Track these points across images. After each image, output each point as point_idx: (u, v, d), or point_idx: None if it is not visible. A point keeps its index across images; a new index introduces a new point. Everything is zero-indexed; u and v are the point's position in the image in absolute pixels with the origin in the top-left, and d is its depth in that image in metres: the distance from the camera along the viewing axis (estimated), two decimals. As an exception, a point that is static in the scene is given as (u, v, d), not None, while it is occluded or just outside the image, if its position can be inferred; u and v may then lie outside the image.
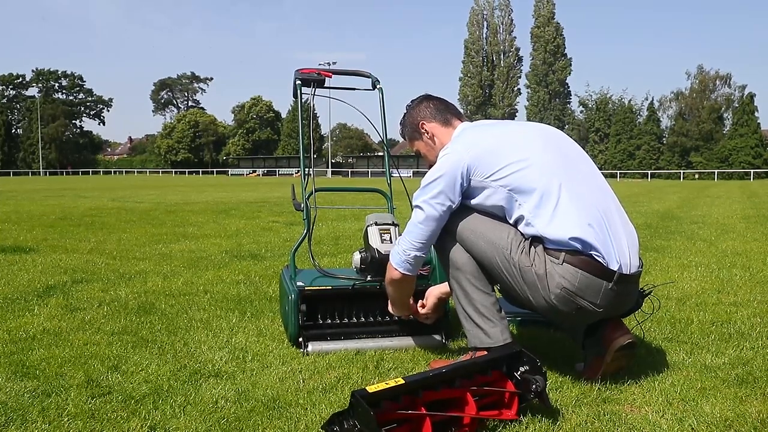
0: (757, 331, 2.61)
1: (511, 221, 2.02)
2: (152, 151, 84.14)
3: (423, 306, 2.40)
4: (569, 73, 63.78)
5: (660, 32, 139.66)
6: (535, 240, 1.97)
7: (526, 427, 1.66)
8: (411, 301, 2.41)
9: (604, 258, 1.92)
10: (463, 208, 2.08)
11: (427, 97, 2.35)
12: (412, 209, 2.10)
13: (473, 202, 2.07)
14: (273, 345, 2.40)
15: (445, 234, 2.09)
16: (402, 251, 2.12)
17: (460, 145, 2.08)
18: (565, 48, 64.03)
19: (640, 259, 2.05)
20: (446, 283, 2.33)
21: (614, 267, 1.93)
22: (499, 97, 65.55)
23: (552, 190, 1.96)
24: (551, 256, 1.94)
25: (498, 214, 2.05)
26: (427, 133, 2.29)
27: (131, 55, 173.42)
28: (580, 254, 1.92)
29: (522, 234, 2.00)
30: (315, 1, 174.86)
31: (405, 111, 2.38)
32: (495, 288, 2.10)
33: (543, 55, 63.10)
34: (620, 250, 1.96)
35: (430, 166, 2.20)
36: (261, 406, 1.79)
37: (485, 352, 1.97)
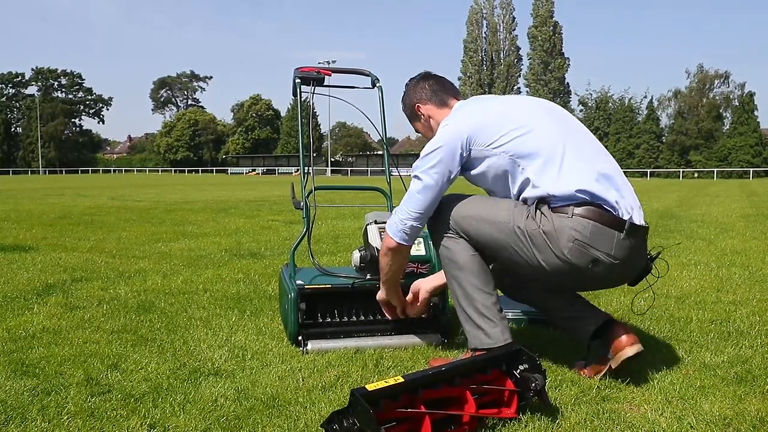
0: (756, 330, 2.61)
1: (515, 187, 2.01)
2: (152, 150, 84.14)
3: (414, 300, 2.38)
4: (566, 71, 63.81)
5: (658, 31, 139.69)
6: (541, 202, 1.96)
7: (526, 426, 1.66)
8: (401, 293, 2.38)
9: (613, 208, 1.93)
10: (456, 199, 2.07)
11: (425, 77, 2.33)
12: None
13: (474, 171, 2.06)
14: (272, 343, 2.40)
15: (445, 232, 2.09)
16: (399, 221, 2.09)
17: (459, 116, 2.09)
18: (562, 47, 64.04)
19: (645, 221, 2.05)
20: (434, 277, 2.34)
21: (625, 217, 1.93)
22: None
23: (556, 152, 1.97)
24: (559, 212, 1.92)
25: (500, 183, 2.04)
26: (424, 116, 2.30)
27: (131, 53, 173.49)
28: (589, 205, 1.91)
29: (524, 202, 1.99)
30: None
31: (404, 92, 2.38)
32: (497, 289, 2.10)
33: (541, 54, 63.11)
34: (627, 203, 1.97)
35: None
36: (260, 404, 1.79)
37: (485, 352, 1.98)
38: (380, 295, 2.37)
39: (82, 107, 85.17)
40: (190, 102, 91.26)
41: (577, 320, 2.14)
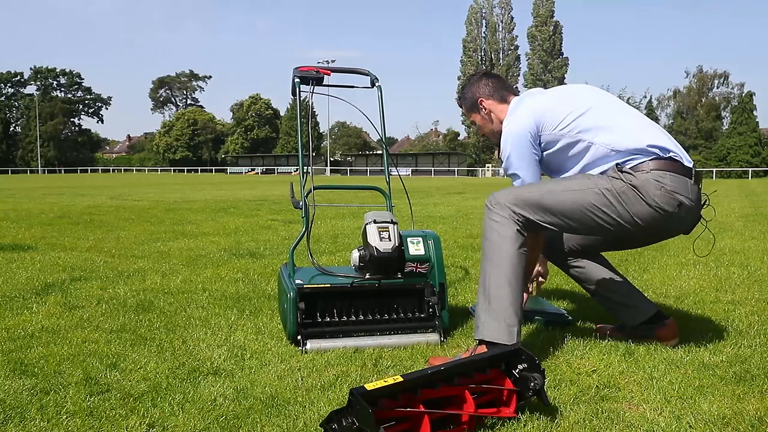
0: (755, 329, 2.62)
1: (587, 158, 2.22)
2: (151, 150, 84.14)
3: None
4: (566, 72, 63.81)
5: (657, 30, 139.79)
6: (617, 165, 2.16)
7: (525, 425, 1.66)
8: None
9: (680, 157, 2.17)
10: (527, 185, 2.24)
11: (486, 75, 2.56)
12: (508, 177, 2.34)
13: (547, 153, 2.29)
14: (271, 343, 2.40)
15: (505, 218, 2.15)
16: None
17: (521, 111, 2.32)
18: (562, 47, 64.03)
19: None
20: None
21: (689, 164, 2.18)
22: (498, 95, 65.47)
23: (617, 120, 2.23)
24: (638, 170, 2.12)
25: (573, 158, 2.25)
26: (485, 109, 2.50)
27: (130, 53, 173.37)
28: (661, 159, 2.14)
29: (600, 172, 2.20)
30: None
31: (464, 84, 2.61)
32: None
33: (540, 53, 63.11)
34: (684, 153, 2.22)
35: (482, 135, 2.61)
36: (259, 403, 1.79)
37: (485, 348, 2.01)
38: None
39: (81, 106, 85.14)
40: (189, 101, 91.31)
41: (631, 308, 2.44)
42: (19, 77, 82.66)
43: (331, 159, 68.63)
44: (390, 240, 2.43)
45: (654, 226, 2.14)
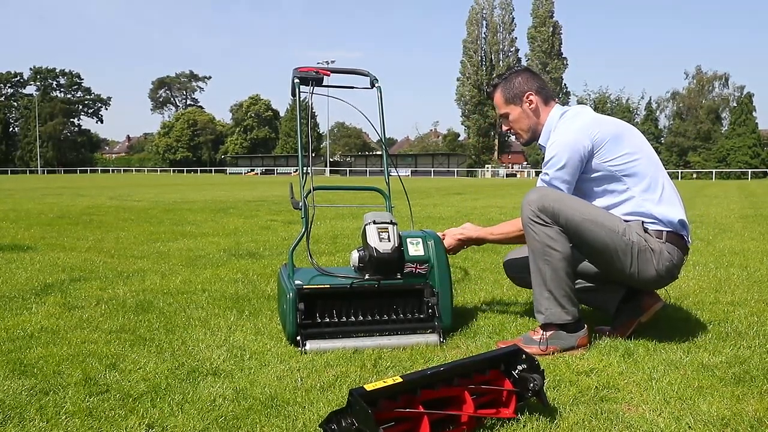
0: (754, 330, 2.62)
1: (614, 198, 2.35)
2: (150, 150, 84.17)
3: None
4: (564, 72, 63.87)
5: (656, 31, 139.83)
6: (643, 224, 2.31)
7: (524, 426, 1.66)
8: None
9: (688, 240, 2.38)
10: (575, 202, 2.30)
11: (533, 72, 2.57)
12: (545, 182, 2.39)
13: (584, 176, 2.36)
14: (271, 343, 2.40)
15: (555, 225, 2.26)
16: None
17: (579, 125, 2.36)
18: (561, 47, 64.07)
19: None
20: (465, 230, 2.71)
21: (689, 244, 2.39)
22: (497, 96, 65.49)
23: (658, 181, 2.36)
24: (657, 237, 2.30)
25: (601, 191, 2.36)
26: (531, 104, 2.50)
27: (130, 53, 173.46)
28: (677, 235, 2.34)
29: (627, 219, 2.31)
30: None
31: (510, 73, 2.56)
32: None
33: (539, 54, 63.15)
34: (689, 229, 2.41)
35: (508, 129, 2.57)
36: (259, 404, 1.79)
37: (553, 331, 2.29)
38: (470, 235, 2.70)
39: (80, 107, 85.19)
40: (188, 102, 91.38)
41: (610, 293, 2.55)
42: (18, 77, 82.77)
43: (331, 160, 68.65)
44: (389, 241, 2.43)
45: (641, 282, 2.36)
